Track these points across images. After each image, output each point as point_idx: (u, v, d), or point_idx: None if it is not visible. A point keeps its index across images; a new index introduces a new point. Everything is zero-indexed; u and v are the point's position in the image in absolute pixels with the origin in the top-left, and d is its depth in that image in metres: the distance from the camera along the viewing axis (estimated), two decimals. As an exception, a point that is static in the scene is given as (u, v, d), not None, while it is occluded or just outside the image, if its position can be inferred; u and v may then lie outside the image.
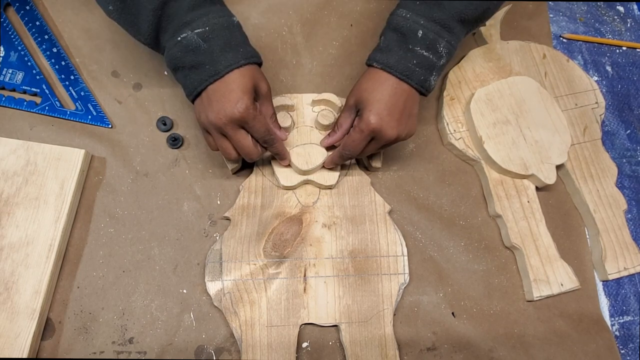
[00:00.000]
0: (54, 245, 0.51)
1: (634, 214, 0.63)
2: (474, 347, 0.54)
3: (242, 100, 0.46)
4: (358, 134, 0.50)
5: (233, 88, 0.46)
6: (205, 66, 0.46)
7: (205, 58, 0.46)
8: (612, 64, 0.72)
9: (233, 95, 0.46)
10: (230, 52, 0.46)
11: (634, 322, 0.58)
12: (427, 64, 0.49)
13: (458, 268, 0.57)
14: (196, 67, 0.46)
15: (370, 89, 0.49)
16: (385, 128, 0.49)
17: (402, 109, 0.50)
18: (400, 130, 0.50)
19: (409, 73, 0.49)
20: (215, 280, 0.53)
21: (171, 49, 0.46)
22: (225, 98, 0.46)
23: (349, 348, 0.51)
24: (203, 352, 0.51)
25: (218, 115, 0.46)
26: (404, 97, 0.49)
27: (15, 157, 0.54)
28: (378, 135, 0.49)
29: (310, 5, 0.68)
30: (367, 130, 0.49)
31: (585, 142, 0.64)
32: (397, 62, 0.49)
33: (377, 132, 0.49)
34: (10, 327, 0.48)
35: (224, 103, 0.46)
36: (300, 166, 0.55)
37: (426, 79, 0.49)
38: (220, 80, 0.46)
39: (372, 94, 0.49)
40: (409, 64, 0.48)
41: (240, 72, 0.47)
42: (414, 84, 0.49)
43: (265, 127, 0.49)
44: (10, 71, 0.59)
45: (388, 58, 0.49)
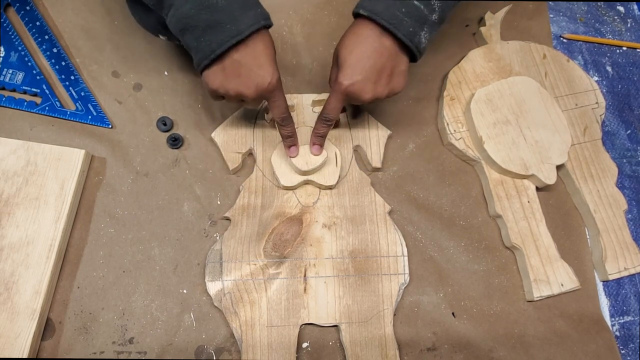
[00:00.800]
0: (54, 246, 0.51)
1: (634, 214, 0.63)
2: (474, 347, 0.54)
3: (274, 73, 0.43)
4: (333, 96, 0.48)
5: (261, 56, 0.43)
6: (225, 25, 0.41)
7: (224, 16, 0.41)
8: (612, 64, 0.72)
9: (263, 66, 0.43)
10: (251, 11, 0.42)
11: (634, 322, 0.58)
12: (417, 14, 0.45)
13: (458, 268, 0.57)
14: (213, 26, 0.42)
15: (351, 46, 0.46)
16: (359, 90, 0.46)
17: (381, 69, 0.46)
18: (378, 91, 0.47)
19: (396, 22, 0.44)
20: (215, 280, 0.53)
21: (182, 6, 0.42)
22: (253, 68, 0.43)
23: (349, 348, 0.51)
24: (203, 352, 0.51)
25: (246, 86, 0.43)
26: (386, 55, 0.46)
27: (15, 157, 0.54)
28: (352, 97, 0.47)
29: (310, 5, 0.68)
30: (339, 92, 0.47)
31: (585, 142, 0.63)
32: (385, 10, 0.45)
33: (350, 94, 0.47)
34: (10, 327, 0.48)
35: (253, 73, 0.43)
36: (300, 166, 0.55)
37: (415, 31, 0.45)
38: (244, 44, 0.42)
39: (352, 53, 0.46)
40: (397, 12, 0.44)
41: (262, 37, 0.43)
42: (400, 34, 0.45)
43: (285, 107, 0.47)
44: (10, 71, 0.59)
45: (375, 4, 0.45)
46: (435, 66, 0.67)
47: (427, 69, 0.67)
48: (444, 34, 0.69)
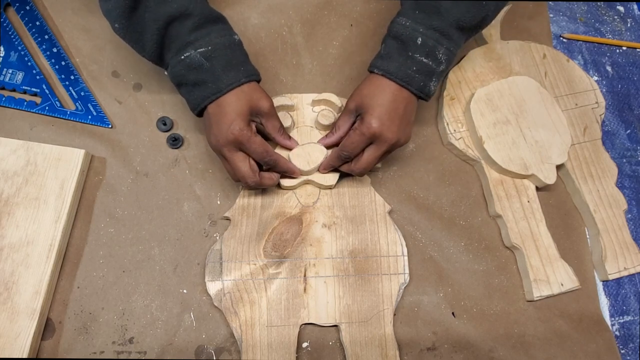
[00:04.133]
0: (54, 245, 0.51)
1: (634, 213, 0.63)
2: (474, 347, 0.54)
3: (235, 123, 0.48)
4: (358, 136, 0.50)
5: (228, 111, 0.48)
6: (207, 84, 0.48)
7: (208, 76, 0.48)
8: (612, 64, 0.72)
9: (227, 118, 0.48)
10: (232, 71, 0.48)
11: (634, 322, 0.58)
12: (426, 70, 0.50)
13: (458, 268, 0.57)
14: (199, 84, 0.48)
15: (372, 95, 0.50)
16: (386, 132, 0.49)
17: (402, 115, 0.50)
18: (399, 135, 0.50)
19: (408, 79, 0.49)
20: (215, 280, 0.53)
21: (175, 66, 0.48)
22: (220, 121, 0.48)
23: (349, 348, 0.51)
24: (203, 352, 0.51)
25: (216, 138, 0.49)
26: (404, 103, 0.50)
27: (15, 157, 0.54)
28: (378, 139, 0.50)
29: (310, 5, 0.68)
30: (367, 133, 0.49)
31: (585, 142, 0.64)
32: (397, 69, 0.49)
33: (377, 135, 0.50)
34: (10, 327, 0.48)
35: (219, 126, 0.48)
36: (301, 167, 0.55)
37: (425, 84, 0.50)
38: (218, 100, 0.48)
39: (374, 99, 0.50)
40: (409, 70, 0.49)
41: (236, 95, 0.48)
42: (413, 89, 0.50)
43: (263, 148, 0.50)
44: (10, 71, 0.59)
45: (388, 65, 0.50)
46: (435, 66, 0.67)
47: (427, 69, 0.67)
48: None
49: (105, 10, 0.48)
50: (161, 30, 0.47)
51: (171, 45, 0.48)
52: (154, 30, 0.47)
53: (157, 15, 0.46)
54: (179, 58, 0.48)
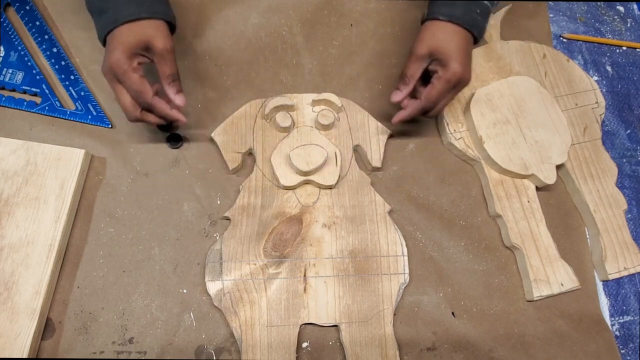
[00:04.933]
0: (54, 245, 0.51)
1: (634, 213, 0.63)
2: (474, 347, 0.54)
3: (114, 52, 0.47)
4: (444, 84, 0.51)
5: (115, 40, 0.48)
6: (109, 12, 0.48)
7: (110, 5, 0.48)
8: (612, 64, 0.72)
9: (111, 47, 0.48)
10: (134, 4, 0.48)
11: (634, 322, 0.58)
12: (486, 11, 0.52)
13: (458, 268, 0.57)
14: (103, 12, 0.49)
15: (447, 39, 0.50)
16: (466, 75, 0.52)
17: (470, 57, 0.52)
18: (471, 75, 0.53)
19: (472, 22, 0.51)
20: (215, 280, 0.53)
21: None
22: (107, 50, 0.48)
23: (349, 348, 0.51)
24: (203, 352, 0.51)
25: (102, 69, 0.49)
26: (470, 44, 0.52)
27: (15, 157, 0.54)
28: (461, 82, 0.52)
29: (310, 5, 0.68)
30: (454, 79, 0.51)
31: (585, 142, 0.63)
32: (463, 13, 0.51)
33: (461, 79, 0.51)
34: (10, 327, 0.48)
35: (106, 55, 0.48)
36: (301, 167, 0.55)
37: (483, 26, 0.53)
38: (113, 31, 0.48)
39: (450, 44, 0.50)
40: (473, 14, 0.51)
41: (130, 27, 0.48)
42: (476, 32, 0.52)
43: (139, 87, 0.48)
44: (10, 71, 0.59)
45: (454, 10, 0.51)
46: (435, 66, 0.67)
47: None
48: (443, 33, 0.69)
49: None
50: None
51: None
52: None
53: None
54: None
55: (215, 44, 0.65)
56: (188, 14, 0.66)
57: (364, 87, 0.65)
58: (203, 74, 0.63)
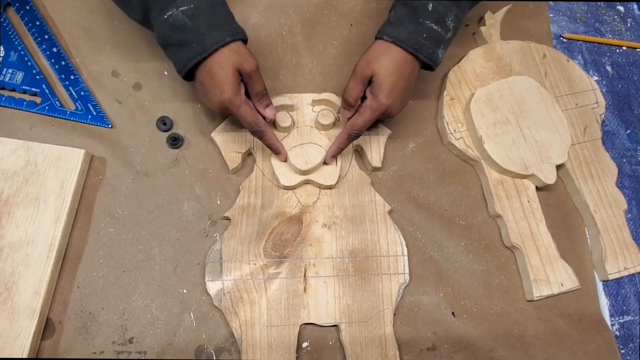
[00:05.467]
0: (54, 245, 0.51)
1: (634, 213, 0.63)
2: (474, 347, 0.54)
3: (224, 92, 0.48)
4: (370, 113, 0.52)
5: (216, 77, 0.48)
6: (192, 44, 0.48)
7: (192, 36, 0.47)
8: (612, 64, 0.72)
9: (216, 86, 0.48)
10: (216, 30, 0.48)
11: (634, 322, 0.58)
12: (436, 37, 0.50)
13: (458, 268, 0.57)
14: (184, 44, 0.48)
15: (386, 66, 0.50)
16: (394, 107, 0.52)
17: (407, 85, 0.52)
18: (401, 106, 0.54)
19: (418, 47, 0.50)
20: (215, 280, 0.53)
21: (159, 26, 0.48)
22: (211, 86, 0.49)
23: (349, 348, 0.51)
24: (203, 352, 0.51)
25: (211, 102, 0.50)
26: (410, 71, 0.51)
27: (15, 157, 0.54)
28: (387, 114, 0.52)
29: (310, 5, 0.68)
30: (379, 110, 0.51)
31: (585, 141, 0.64)
32: (408, 36, 0.50)
33: (387, 112, 0.52)
34: (10, 327, 0.48)
35: (210, 94, 0.49)
36: (299, 166, 0.55)
37: (434, 52, 0.51)
38: (204, 63, 0.48)
39: (387, 71, 0.50)
40: (419, 37, 0.50)
41: (222, 56, 0.48)
42: (422, 57, 0.51)
43: (252, 118, 0.50)
44: (10, 71, 0.59)
45: (399, 32, 0.50)
46: (435, 66, 0.67)
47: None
48: (443, 33, 0.69)
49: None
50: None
51: (154, 4, 0.47)
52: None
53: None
54: (162, 17, 0.47)
55: (215, 43, 0.65)
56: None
57: (364, 87, 0.65)
58: (203, 74, 0.63)
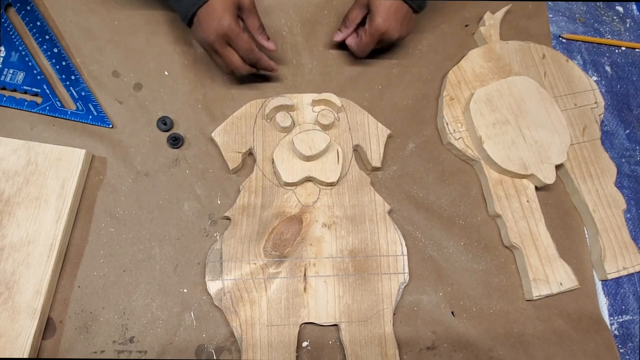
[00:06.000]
0: (55, 245, 0.51)
1: (633, 213, 0.63)
2: (474, 346, 0.54)
3: (223, 18, 0.51)
4: (368, 37, 0.58)
5: (216, 7, 0.51)
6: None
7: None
8: (611, 64, 0.72)
9: (216, 14, 0.51)
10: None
11: (633, 322, 0.58)
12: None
13: (458, 267, 0.57)
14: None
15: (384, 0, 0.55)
16: (391, 31, 0.57)
17: (403, 15, 0.57)
18: (402, 31, 0.58)
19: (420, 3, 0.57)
20: (215, 279, 0.53)
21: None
22: (210, 17, 0.51)
23: (349, 347, 0.51)
24: (203, 351, 0.51)
25: (207, 33, 0.52)
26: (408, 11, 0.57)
27: (16, 157, 0.54)
28: (384, 36, 0.58)
29: (310, 5, 0.68)
30: (376, 33, 0.57)
31: (584, 141, 0.64)
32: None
33: (384, 34, 0.57)
34: (11, 326, 0.48)
35: (210, 22, 0.52)
36: (304, 152, 0.55)
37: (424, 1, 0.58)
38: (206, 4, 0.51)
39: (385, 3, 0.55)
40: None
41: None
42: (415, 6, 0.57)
43: (249, 45, 0.54)
44: (11, 71, 0.60)
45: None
46: (435, 66, 0.67)
47: (426, 69, 0.67)
48: (443, 34, 0.70)
49: None
50: None
51: None
52: None
53: None
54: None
55: (215, 44, 0.65)
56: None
57: (364, 87, 0.65)
58: (203, 74, 0.63)
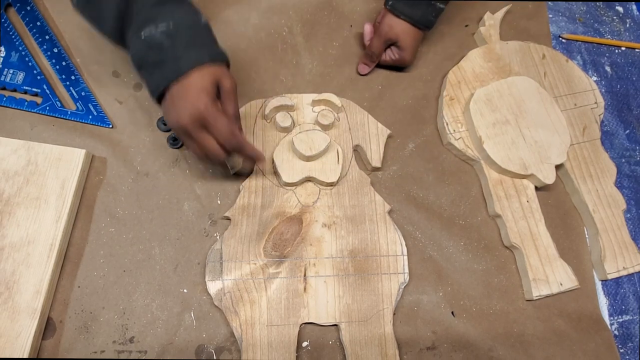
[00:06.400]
0: (55, 245, 0.51)
1: (633, 213, 0.63)
2: (474, 346, 0.54)
3: (200, 98, 0.45)
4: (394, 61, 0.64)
5: (192, 87, 0.45)
6: (167, 64, 0.45)
7: (168, 55, 0.45)
8: (611, 64, 0.72)
9: (191, 94, 0.45)
10: (194, 50, 0.46)
11: (633, 322, 0.58)
12: (439, 12, 0.61)
13: (458, 267, 0.57)
14: (159, 64, 0.46)
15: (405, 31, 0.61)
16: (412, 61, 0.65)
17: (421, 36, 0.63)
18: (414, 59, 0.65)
19: (428, 25, 0.61)
20: (215, 279, 0.53)
21: (135, 45, 0.46)
22: (185, 98, 0.45)
23: (348, 347, 0.51)
24: (203, 351, 0.51)
25: (180, 115, 0.46)
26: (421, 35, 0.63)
27: (16, 157, 0.54)
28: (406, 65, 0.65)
29: (310, 5, 0.68)
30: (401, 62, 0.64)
31: (584, 142, 0.64)
32: (422, 17, 0.60)
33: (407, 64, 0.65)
34: (11, 326, 0.48)
35: (184, 103, 0.45)
36: (304, 152, 0.55)
37: (434, 21, 0.61)
38: (182, 79, 0.45)
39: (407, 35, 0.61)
40: (430, 17, 0.60)
41: (200, 72, 0.46)
42: (427, 30, 0.62)
43: (229, 128, 0.47)
44: (11, 71, 0.60)
45: (414, 13, 0.59)
46: (435, 66, 0.67)
47: (426, 69, 0.67)
48: (443, 34, 0.70)
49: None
50: (121, 3, 0.44)
51: (132, 22, 0.45)
52: (114, 3, 0.44)
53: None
54: (139, 36, 0.45)
55: (215, 44, 0.65)
56: (188, 15, 0.66)
57: (364, 87, 0.65)
58: (203, 74, 0.63)
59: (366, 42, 0.65)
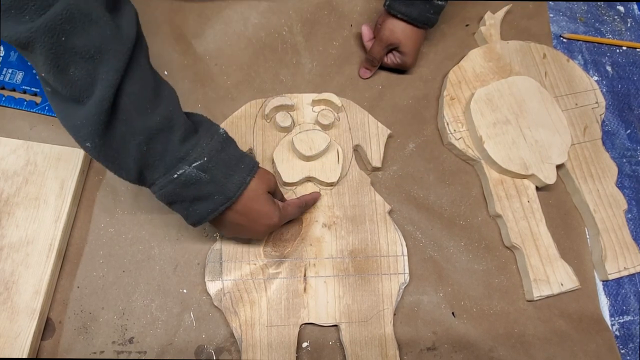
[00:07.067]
0: (54, 245, 0.51)
1: (634, 213, 0.63)
2: (474, 347, 0.54)
3: (268, 215, 0.48)
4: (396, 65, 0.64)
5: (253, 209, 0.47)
6: (213, 196, 0.44)
7: (211, 188, 0.44)
8: (612, 64, 0.72)
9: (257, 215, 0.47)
10: (235, 175, 0.45)
11: (634, 322, 0.58)
12: (439, 9, 0.60)
13: (458, 268, 0.57)
14: (202, 198, 0.44)
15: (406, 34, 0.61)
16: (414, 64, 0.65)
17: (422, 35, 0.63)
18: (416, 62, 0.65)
19: (427, 22, 0.60)
20: (215, 280, 0.53)
21: (165, 186, 0.43)
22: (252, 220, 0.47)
23: (349, 348, 0.51)
24: (203, 351, 0.51)
25: (258, 234, 0.50)
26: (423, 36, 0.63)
27: (15, 156, 0.54)
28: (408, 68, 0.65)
29: (310, 5, 0.68)
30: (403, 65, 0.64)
31: (585, 141, 0.64)
32: (419, 15, 0.59)
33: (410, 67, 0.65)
34: (10, 326, 0.48)
35: (254, 225, 0.48)
36: (304, 152, 0.55)
37: (436, 20, 0.61)
38: (235, 206, 0.46)
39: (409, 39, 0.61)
40: (428, 14, 0.59)
41: (250, 191, 0.46)
42: (428, 28, 0.61)
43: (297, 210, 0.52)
44: (10, 71, 0.59)
45: (411, 11, 0.59)
46: (435, 66, 0.67)
47: (427, 69, 0.67)
48: (443, 34, 0.70)
49: (72, 127, 0.40)
50: (142, 146, 0.41)
51: (157, 163, 0.42)
52: (134, 147, 0.40)
53: (137, 129, 0.40)
54: (170, 177, 0.42)
55: (215, 44, 0.65)
56: (188, 14, 0.66)
57: (364, 86, 0.65)
58: (203, 74, 0.63)
59: (365, 43, 0.65)
